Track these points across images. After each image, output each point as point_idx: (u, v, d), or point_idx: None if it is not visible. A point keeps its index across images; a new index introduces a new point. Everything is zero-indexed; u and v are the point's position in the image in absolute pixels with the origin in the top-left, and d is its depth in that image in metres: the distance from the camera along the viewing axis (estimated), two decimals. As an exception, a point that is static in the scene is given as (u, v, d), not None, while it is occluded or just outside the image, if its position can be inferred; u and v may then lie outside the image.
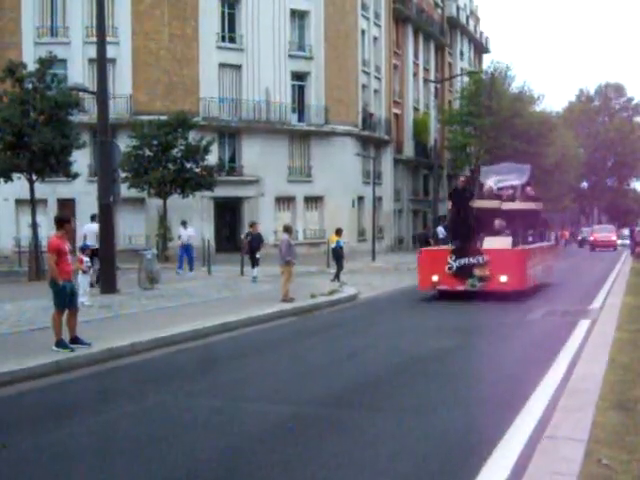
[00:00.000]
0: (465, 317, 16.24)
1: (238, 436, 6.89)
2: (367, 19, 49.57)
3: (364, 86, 49.01)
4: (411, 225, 57.89)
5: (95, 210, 20.78)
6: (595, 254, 50.71)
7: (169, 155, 33.50)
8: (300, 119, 44.12)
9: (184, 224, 28.43)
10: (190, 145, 33.83)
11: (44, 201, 34.54)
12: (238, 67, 41.84)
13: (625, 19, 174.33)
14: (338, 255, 24.30)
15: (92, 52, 24.55)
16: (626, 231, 69.66)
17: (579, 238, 71.82)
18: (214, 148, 36.68)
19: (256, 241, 24.05)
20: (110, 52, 24.66)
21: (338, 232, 25.04)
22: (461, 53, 72.14)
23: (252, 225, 25.30)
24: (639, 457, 5.62)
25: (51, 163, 25.06)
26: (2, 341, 11.65)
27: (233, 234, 41.00)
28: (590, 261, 40.59)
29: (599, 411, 6.94)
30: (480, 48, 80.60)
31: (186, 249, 27.71)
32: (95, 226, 21.16)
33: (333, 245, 25.21)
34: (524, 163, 59.95)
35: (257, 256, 23.63)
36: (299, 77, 44.14)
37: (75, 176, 27.08)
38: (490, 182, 21.43)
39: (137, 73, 39.63)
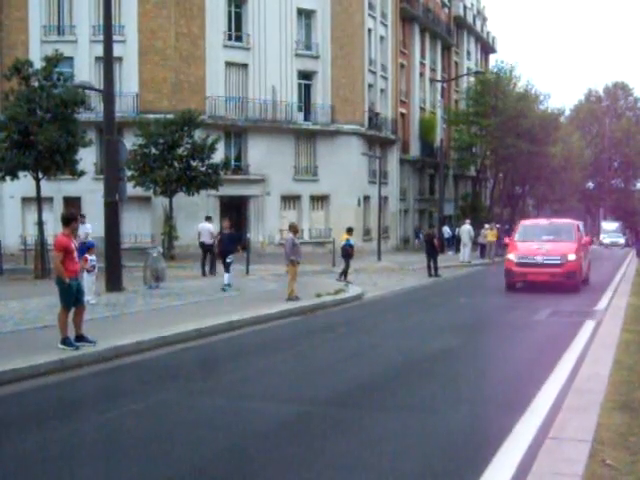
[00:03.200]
0: (471, 317, 16.23)
1: (242, 435, 6.90)
2: (374, 18, 49.50)
3: (370, 85, 48.94)
4: (417, 225, 57.80)
5: (101, 208, 20.77)
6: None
7: (175, 153, 33.50)
8: (306, 118, 44.09)
9: (82, 217, 24.06)
10: (196, 144, 33.83)
11: (50, 199, 34.57)
12: (244, 66, 41.84)
13: (635, 17, 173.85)
14: (347, 254, 24.09)
15: (99, 50, 24.52)
16: (611, 225, 62.45)
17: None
18: (220, 147, 36.66)
19: (228, 242, 20.22)
20: (117, 50, 24.66)
21: (349, 231, 24.80)
22: (468, 53, 72.03)
23: (225, 222, 21.61)
24: (643, 458, 5.61)
25: (57, 161, 25.07)
26: (8, 339, 11.68)
27: (239, 233, 40.99)
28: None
29: (604, 412, 6.93)
30: (487, 48, 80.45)
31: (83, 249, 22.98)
32: (209, 225, 26.04)
33: (342, 243, 24.80)
34: (530, 163, 57.04)
35: (228, 260, 19.66)
36: (305, 76, 44.11)
37: (81, 174, 27.10)
38: None
39: (143, 71, 39.64)
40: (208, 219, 27.14)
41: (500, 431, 6.69)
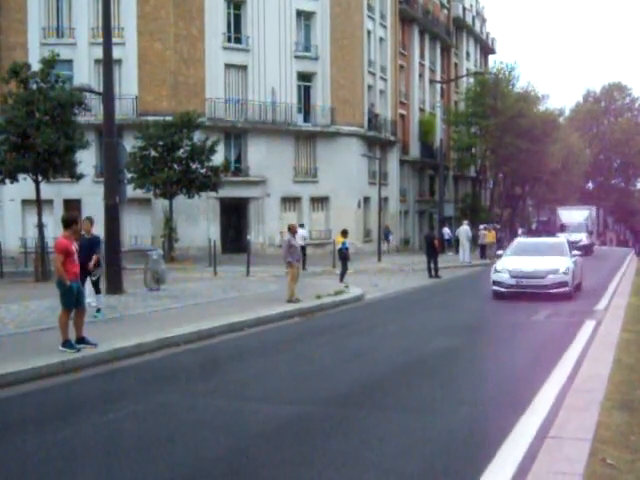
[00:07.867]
0: (471, 317, 16.24)
1: (243, 436, 6.90)
2: (373, 20, 49.52)
3: (370, 87, 48.95)
4: (417, 226, 57.82)
5: (101, 211, 20.79)
6: None
7: (174, 155, 33.53)
8: (306, 120, 44.09)
9: (302, 225, 28.70)
10: (196, 146, 33.86)
11: (50, 202, 34.57)
12: (244, 68, 41.83)
13: (634, 18, 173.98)
14: (343, 256, 24.09)
15: (98, 53, 24.50)
16: (575, 215, 60.66)
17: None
18: (220, 149, 36.70)
19: (90, 249, 13.89)
20: (116, 53, 24.66)
21: (344, 233, 24.72)
22: (467, 54, 72.02)
23: (85, 224, 14.48)
24: (644, 457, 5.61)
25: (55, 163, 25.10)
26: (9, 341, 11.69)
27: (239, 235, 41.03)
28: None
29: (604, 411, 6.94)
30: (486, 49, 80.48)
31: None
32: (302, 230, 28.38)
33: (339, 246, 24.83)
34: (529, 163, 56.53)
35: (93, 277, 14.22)
36: (305, 78, 44.11)
37: (80, 177, 27.10)
38: None
39: (143, 73, 39.64)
40: (301, 226, 29.88)
41: (500, 430, 6.69)
